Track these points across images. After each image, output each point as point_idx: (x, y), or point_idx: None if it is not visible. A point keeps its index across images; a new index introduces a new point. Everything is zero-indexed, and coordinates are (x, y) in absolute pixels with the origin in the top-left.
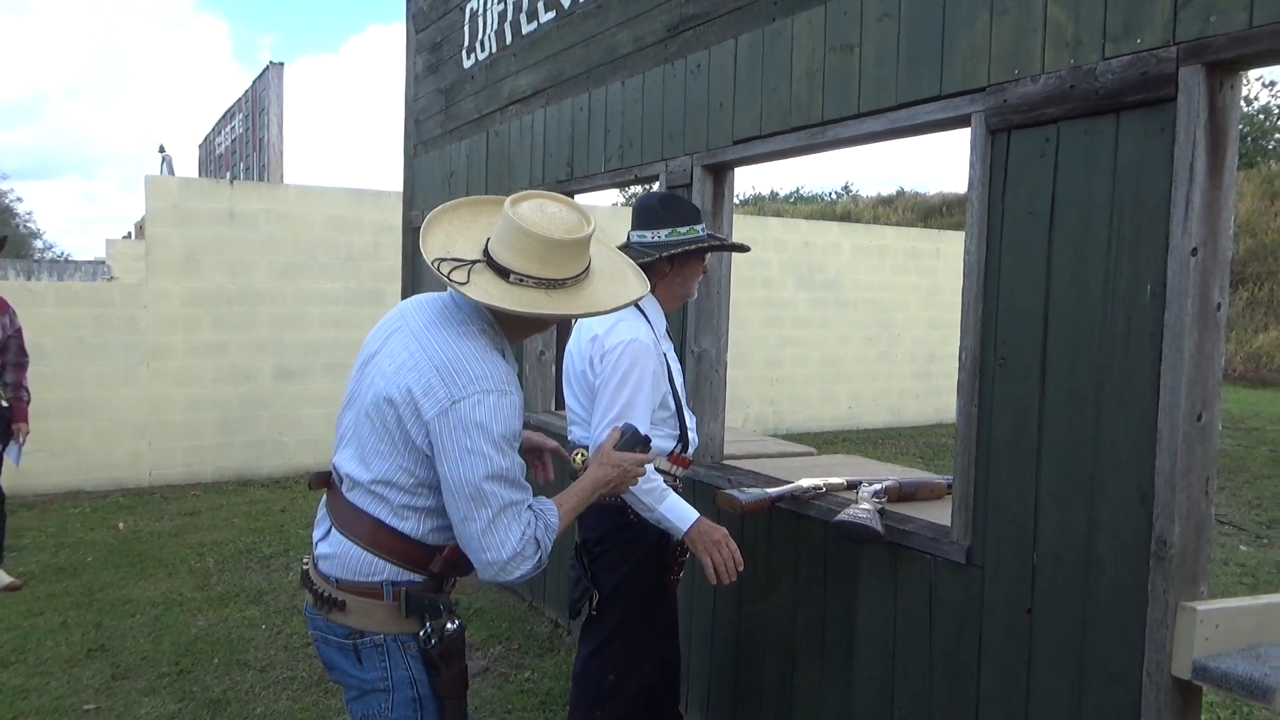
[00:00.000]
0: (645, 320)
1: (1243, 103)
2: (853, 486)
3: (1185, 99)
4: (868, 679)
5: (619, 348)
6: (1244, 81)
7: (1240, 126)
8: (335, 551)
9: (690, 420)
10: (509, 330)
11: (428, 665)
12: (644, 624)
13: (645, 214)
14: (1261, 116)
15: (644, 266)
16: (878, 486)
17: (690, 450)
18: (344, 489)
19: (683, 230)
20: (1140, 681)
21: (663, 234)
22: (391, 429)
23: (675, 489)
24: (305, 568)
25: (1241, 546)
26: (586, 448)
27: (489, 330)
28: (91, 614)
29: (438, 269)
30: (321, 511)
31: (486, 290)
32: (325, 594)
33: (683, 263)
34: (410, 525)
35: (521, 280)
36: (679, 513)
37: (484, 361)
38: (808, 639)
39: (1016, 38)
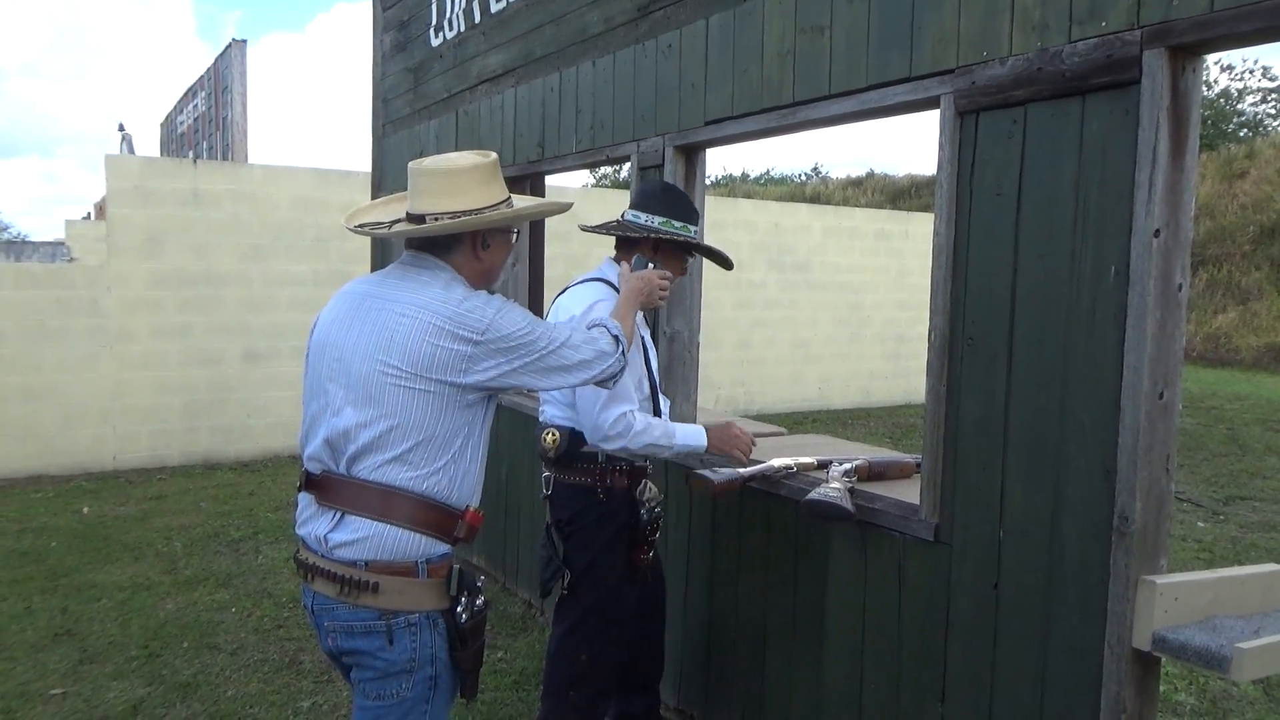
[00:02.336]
0: None
1: (1203, 86)
2: (823, 466)
3: (1149, 82)
4: (838, 655)
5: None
6: (1205, 65)
7: (1200, 110)
8: (361, 535)
9: (664, 404)
10: (476, 278)
11: (454, 640)
12: (617, 603)
13: (646, 196)
14: (1221, 100)
15: (628, 241)
16: (848, 466)
17: None
18: (352, 470)
19: (677, 224)
20: (1102, 653)
21: (657, 220)
22: (418, 385)
23: (646, 471)
24: (309, 561)
25: (1199, 523)
26: (558, 427)
27: (458, 279)
28: (57, 599)
29: (358, 231)
30: (314, 505)
31: (405, 231)
32: (354, 579)
33: (665, 254)
34: (442, 486)
35: (437, 219)
36: (692, 434)
37: (470, 294)
38: (779, 616)
39: (984, 20)
